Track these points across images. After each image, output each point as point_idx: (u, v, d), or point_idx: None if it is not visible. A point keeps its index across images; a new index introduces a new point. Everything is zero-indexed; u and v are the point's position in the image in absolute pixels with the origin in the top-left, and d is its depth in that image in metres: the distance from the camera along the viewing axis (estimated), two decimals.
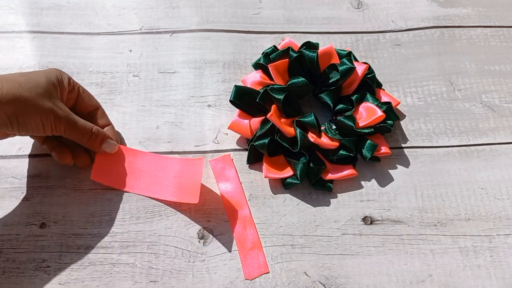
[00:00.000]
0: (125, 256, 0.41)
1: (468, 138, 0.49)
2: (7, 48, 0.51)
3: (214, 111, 0.49)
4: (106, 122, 0.45)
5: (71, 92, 0.42)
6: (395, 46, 0.54)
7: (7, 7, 0.54)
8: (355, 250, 0.42)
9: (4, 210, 0.42)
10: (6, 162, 0.45)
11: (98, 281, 0.40)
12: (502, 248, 0.43)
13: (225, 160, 0.46)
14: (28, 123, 0.38)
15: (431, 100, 0.51)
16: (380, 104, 0.47)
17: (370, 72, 0.48)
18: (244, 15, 0.55)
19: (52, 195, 0.43)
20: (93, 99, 0.45)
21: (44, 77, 0.39)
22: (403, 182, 0.46)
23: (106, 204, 0.43)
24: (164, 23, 0.54)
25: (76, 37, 0.52)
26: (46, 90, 0.39)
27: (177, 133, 0.47)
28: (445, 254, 0.42)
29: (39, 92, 0.38)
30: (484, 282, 0.41)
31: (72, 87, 0.42)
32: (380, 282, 0.41)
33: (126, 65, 0.51)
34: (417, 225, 0.44)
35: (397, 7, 0.57)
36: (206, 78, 0.51)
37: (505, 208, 0.45)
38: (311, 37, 0.54)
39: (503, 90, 0.52)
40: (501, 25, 0.56)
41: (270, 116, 0.43)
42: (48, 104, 0.38)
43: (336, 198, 0.45)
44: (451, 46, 0.54)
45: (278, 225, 0.43)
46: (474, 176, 0.46)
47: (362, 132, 0.45)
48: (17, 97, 0.36)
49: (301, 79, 0.46)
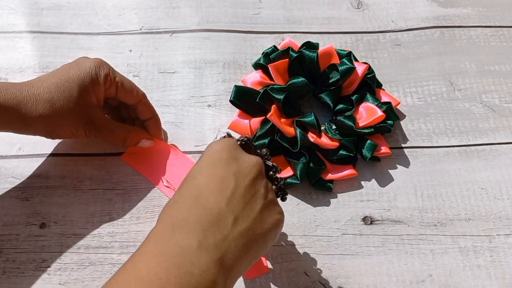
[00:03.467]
0: (125, 256, 0.41)
1: (468, 138, 0.49)
2: (7, 48, 0.51)
3: (214, 111, 0.49)
4: (148, 116, 0.44)
5: (109, 88, 0.41)
6: (395, 46, 0.54)
7: (7, 7, 0.54)
8: (355, 250, 0.42)
9: (4, 210, 0.42)
10: (6, 162, 0.45)
11: (98, 281, 0.40)
12: (502, 248, 0.43)
13: None
14: (60, 135, 0.41)
15: (431, 100, 0.51)
16: (380, 104, 0.47)
17: (370, 72, 0.48)
18: (244, 15, 0.55)
19: (52, 195, 0.43)
20: (134, 92, 0.42)
21: (77, 86, 0.38)
22: (403, 182, 0.46)
23: (106, 204, 0.43)
24: (164, 23, 0.54)
25: (76, 37, 0.52)
26: (78, 100, 0.38)
27: (177, 133, 0.47)
28: (445, 254, 0.42)
29: (70, 107, 0.38)
30: (484, 282, 0.41)
31: (109, 84, 0.40)
32: (380, 282, 0.41)
33: (126, 65, 0.51)
34: (417, 225, 0.44)
35: (397, 7, 0.57)
36: (206, 78, 0.51)
37: (505, 208, 0.45)
38: (311, 37, 0.54)
39: (503, 90, 0.52)
40: (501, 25, 0.56)
41: (270, 116, 0.43)
42: (78, 115, 0.39)
43: (336, 198, 0.45)
44: (451, 46, 0.54)
45: None
46: (474, 176, 0.46)
47: (362, 132, 0.45)
48: (48, 116, 0.38)
49: (301, 79, 0.46)
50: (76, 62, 0.40)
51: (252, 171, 0.32)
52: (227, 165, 0.32)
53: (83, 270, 0.40)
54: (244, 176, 0.32)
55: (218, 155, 0.33)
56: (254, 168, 0.33)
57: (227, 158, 0.32)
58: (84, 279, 0.40)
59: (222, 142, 0.34)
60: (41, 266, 0.40)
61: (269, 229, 0.31)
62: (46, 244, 0.41)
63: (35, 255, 0.41)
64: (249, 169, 0.32)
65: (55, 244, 0.41)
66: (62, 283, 0.40)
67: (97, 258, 0.41)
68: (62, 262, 0.40)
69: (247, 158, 0.33)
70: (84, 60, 0.40)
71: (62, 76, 0.39)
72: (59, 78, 0.38)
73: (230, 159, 0.32)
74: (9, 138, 0.45)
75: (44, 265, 0.40)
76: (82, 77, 0.39)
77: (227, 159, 0.32)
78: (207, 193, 0.31)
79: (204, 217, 0.29)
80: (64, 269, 0.40)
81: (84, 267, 0.40)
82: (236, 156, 0.33)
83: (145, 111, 0.44)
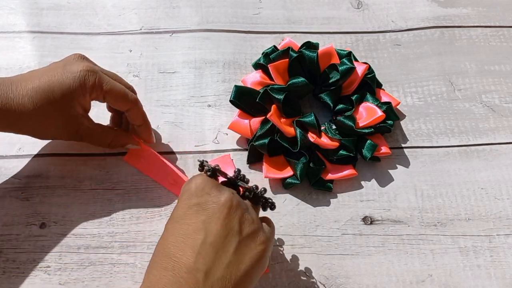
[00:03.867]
0: (125, 256, 0.41)
1: (468, 138, 0.49)
2: (7, 48, 0.51)
3: (214, 111, 0.49)
4: (139, 122, 0.43)
5: (96, 97, 0.40)
6: (395, 46, 0.54)
7: (7, 7, 0.54)
8: (355, 250, 0.42)
9: (4, 210, 0.42)
10: (6, 162, 0.45)
11: (98, 281, 0.40)
12: (502, 248, 0.43)
13: (224, 160, 0.46)
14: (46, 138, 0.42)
15: (431, 100, 0.51)
16: (380, 104, 0.47)
17: (370, 72, 0.48)
18: (244, 15, 0.55)
19: (52, 195, 0.43)
20: (124, 99, 0.41)
21: (60, 95, 0.37)
22: (403, 182, 0.46)
23: (106, 204, 0.43)
24: (164, 23, 0.54)
25: (76, 37, 0.52)
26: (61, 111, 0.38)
27: (177, 133, 0.47)
28: (445, 254, 0.42)
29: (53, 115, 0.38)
30: (484, 282, 0.41)
31: (96, 94, 0.39)
32: (380, 282, 0.41)
33: (126, 65, 0.51)
34: (417, 225, 0.44)
35: (397, 7, 0.57)
36: (206, 78, 0.51)
37: (505, 208, 0.45)
38: (311, 37, 0.54)
39: (503, 90, 0.52)
40: (501, 25, 0.56)
41: (270, 116, 0.43)
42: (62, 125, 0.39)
43: (336, 198, 0.45)
44: (451, 46, 0.54)
45: (278, 225, 0.43)
46: (474, 176, 0.46)
47: (362, 132, 0.45)
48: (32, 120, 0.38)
49: (301, 79, 0.46)
50: (63, 67, 0.38)
51: (222, 212, 0.32)
52: (195, 215, 0.32)
53: (83, 270, 0.40)
54: (214, 220, 0.31)
55: (187, 203, 0.33)
56: (223, 208, 0.32)
57: (196, 205, 0.32)
58: (84, 279, 0.40)
59: (193, 184, 0.34)
60: (41, 266, 0.40)
61: (249, 267, 0.31)
62: (46, 244, 0.41)
63: (35, 255, 0.41)
64: (218, 212, 0.32)
65: (55, 244, 0.41)
66: (62, 283, 0.40)
67: (97, 258, 0.41)
68: (62, 262, 0.40)
69: (216, 198, 0.32)
70: (71, 67, 0.38)
71: (47, 81, 0.37)
72: (45, 83, 0.37)
73: (199, 206, 0.32)
74: (9, 138, 0.45)
75: (44, 265, 0.40)
76: (66, 87, 0.37)
77: (196, 207, 0.32)
78: (176, 251, 0.31)
79: (174, 278, 0.29)
80: (64, 269, 0.40)
81: (84, 267, 0.40)
82: (205, 200, 0.32)
83: (135, 118, 0.43)
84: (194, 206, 0.32)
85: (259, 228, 0.33)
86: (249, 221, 0.33)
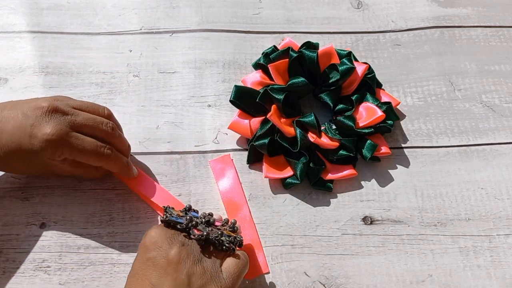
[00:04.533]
0: (125, 256, 0.41)
1: (468, 138, 0.49)
2: (7, 48, 0.51)
3: (214, 111, 0.49)
4: (115, 171, 0.41)
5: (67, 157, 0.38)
6: (395, 46, 0.54)
7: (7, 7, 0.54)
8: (355, 250, 0.42)
9: (4, 210, 0.42)
10: None
11: (98, 281, 0.40)
12: (502, 248, 0.43)
13: (225, 160, 0.46)
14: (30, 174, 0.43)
15: (431, 100, 0.51)
16: (380, 104, 0.47)
17: (370, 72, 0.48)
18: (244, 15, 0.55)
19: (52, 195, 0.43)
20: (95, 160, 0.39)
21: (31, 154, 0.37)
22: (403, 182, 0.46)
23: (106, 204, 0.43)
24: (164, 23, 0.54)
25: (76, 37, 0.52)
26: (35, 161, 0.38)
27: (177, 133, 0.47)
28: (445, 254, 0.42)
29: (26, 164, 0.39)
30: (484, 282, 0.41)
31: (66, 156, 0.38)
32: (380, 282, 0.41)
33: (126, 65, 0.51)
34: (417, 225, 0.44)
35: (397, 7, 0.57)
36: (206, 78, 0.51)
37: (505, 208, 0.45)
38: (311, 37, 0.54)
39: (503, 90, 0.52)
40: (501, 25, 0.56)
41: (270, 116, 0.43)
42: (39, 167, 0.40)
43: (336, 198, 0.45)
44: (451, 46, 0.54)
45: (278, 225, 0.43)
46: (474, 176, 0.46)
47: (362, 132, 0.45)
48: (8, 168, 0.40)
49: (301, 79, 0.46)
50: (31, 129, 0.36)
51: (171, 266, 0.32)
52: (149, 270, 0.32)
53: (83, 270, 0.40)
54: (164, 275, 0.32)
55: (142, 257, 0.33)
56: (171, 262, 0.32)
57: (149, 260, 0.33)
58: (84, 279, 0.40)
59: (148, 237, 0.34)
60: (41, 266, 0.40)
61: None
62: (46, 244, 0.41)
63: (35, 255, 0.41)
64: (168, 267, 0.32)
65: (55, 244, 0.41)
66: (62, 283, 0.40)
67: (97, 258, 0.41)
68: (62, 262, 0.40)
69: (165, 253, 0.33)
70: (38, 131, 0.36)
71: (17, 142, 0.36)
72: (14, 143, 0.36)
73: (151, 261, 0.33)
74: None
75: (44, 265, 0.40)
76: (34, 153, 0.37)
77: (149, 262, 0.33)
78: None
79: None
80: (64, 269, 0.40)
81: (84, 267, 0.40)
82: (156, 255, 0.33)
83: (111, 169, 0.41)
84: (148, 261, 0.33)
85: (212, 278, 0.33)
86: (199, 273, 0.33)
